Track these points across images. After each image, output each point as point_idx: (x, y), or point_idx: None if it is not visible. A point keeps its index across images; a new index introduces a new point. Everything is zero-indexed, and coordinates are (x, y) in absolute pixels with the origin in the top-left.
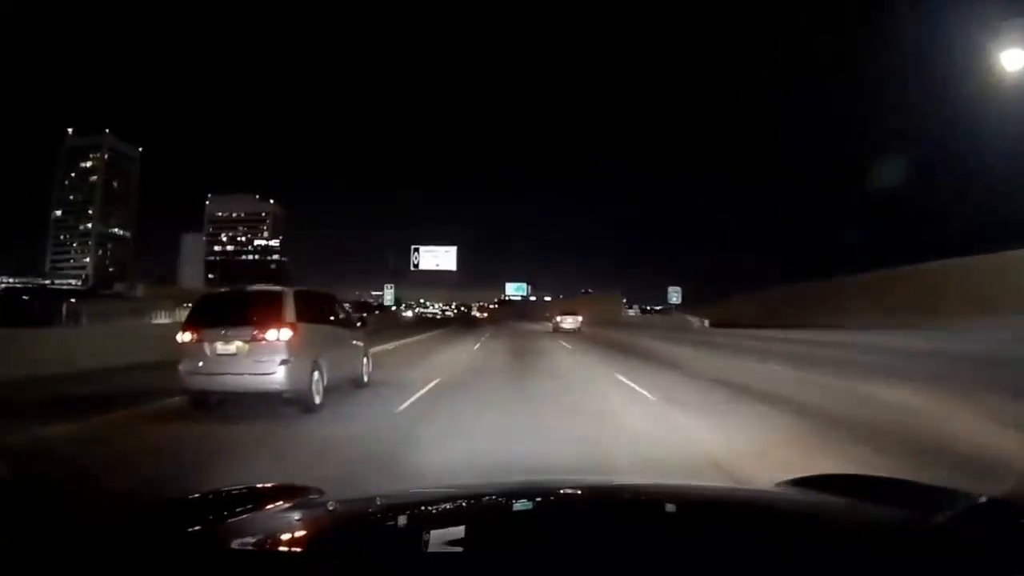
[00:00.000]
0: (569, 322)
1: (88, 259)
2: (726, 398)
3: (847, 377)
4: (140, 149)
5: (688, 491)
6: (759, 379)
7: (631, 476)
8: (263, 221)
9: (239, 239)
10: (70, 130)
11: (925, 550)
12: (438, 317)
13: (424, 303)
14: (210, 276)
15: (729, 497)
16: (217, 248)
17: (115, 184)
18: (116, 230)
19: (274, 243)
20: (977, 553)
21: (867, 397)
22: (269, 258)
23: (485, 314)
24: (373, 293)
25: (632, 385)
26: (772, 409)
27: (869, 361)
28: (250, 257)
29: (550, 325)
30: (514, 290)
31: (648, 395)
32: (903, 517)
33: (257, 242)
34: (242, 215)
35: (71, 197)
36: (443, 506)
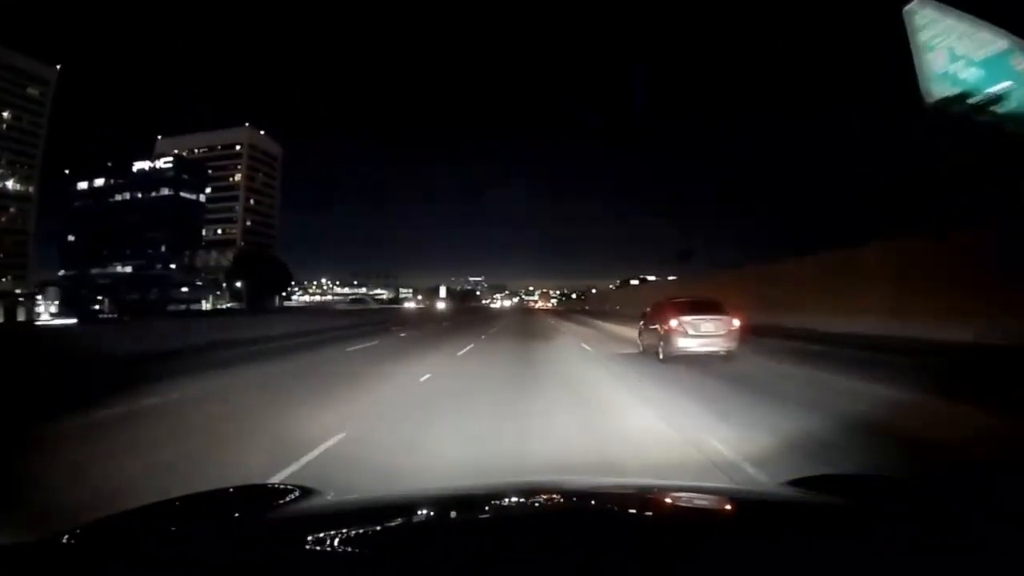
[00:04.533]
0: (704, 334)
1: None
2: None
3: None
4: (59, 67)
5: (688, 491)
6: None
7: (632, 476)
8: (237, 157)
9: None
10: None
11: (927, 550)
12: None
13: (531, 291)
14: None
15: (729, 497)
16: (93, 184)
17: (4, 116)
18: (8, 184)
19: (165, 162)
20: (980, 553)
21: None
22: (160, 192)
23: (550, 304)
24: (470, 279)
25: None
26: None
27: None
28: (136, 194)
29: (636, 335)
30: None
31: None
32: (904, 517)
33: (155, 163)
34: (205, 151)
35: None
36: (444, 506)
